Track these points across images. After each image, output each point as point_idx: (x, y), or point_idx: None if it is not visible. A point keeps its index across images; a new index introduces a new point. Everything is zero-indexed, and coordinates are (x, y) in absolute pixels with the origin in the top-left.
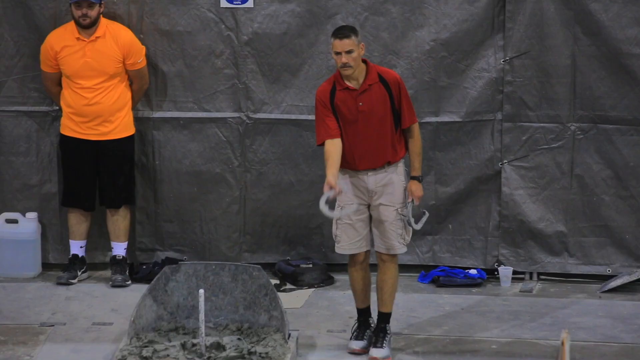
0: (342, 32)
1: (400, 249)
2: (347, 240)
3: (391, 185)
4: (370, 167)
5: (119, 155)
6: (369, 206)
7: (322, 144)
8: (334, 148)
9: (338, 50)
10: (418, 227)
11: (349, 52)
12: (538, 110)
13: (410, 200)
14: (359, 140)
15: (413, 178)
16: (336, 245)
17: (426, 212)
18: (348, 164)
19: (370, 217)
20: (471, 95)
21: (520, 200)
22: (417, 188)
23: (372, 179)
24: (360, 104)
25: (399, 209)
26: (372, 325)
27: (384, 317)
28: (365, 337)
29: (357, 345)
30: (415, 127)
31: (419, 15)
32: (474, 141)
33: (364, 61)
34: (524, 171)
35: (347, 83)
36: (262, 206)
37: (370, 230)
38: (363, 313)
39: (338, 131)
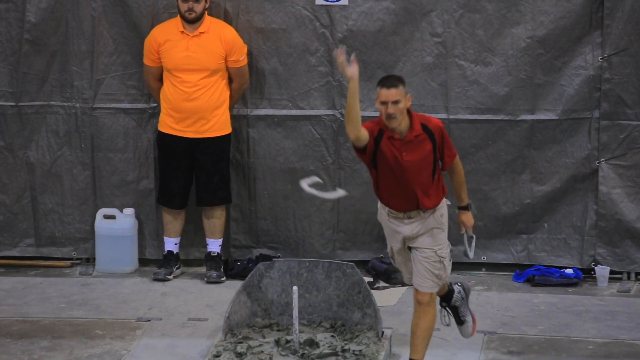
0: (390, 81)
1: (432, 288)
2: (408, 274)
3: (429, 231)
4: (399, 209)
5: (215, 154)
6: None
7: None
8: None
9: (384, 99)
10: (472, 255)
11: (395, 102)
12: (637, 108)
13: (463, 231)
14: (393, 186)
15: (462, 209)
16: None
17: (474, 236)
18: (382, 200)
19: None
20: (568, 93)
21: (618, 199)
22: (467, 218)
23: (408, 228)
24: (404, 154)
25: (438, 251)
26: None
27: None
28: None
29: None
30: (455, 163)
31: (515, 12)
32: (571, 139)
33: (407, 110)
34: (622, 170)
35: (392, 132)
36: (355, 203)
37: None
38: None
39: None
